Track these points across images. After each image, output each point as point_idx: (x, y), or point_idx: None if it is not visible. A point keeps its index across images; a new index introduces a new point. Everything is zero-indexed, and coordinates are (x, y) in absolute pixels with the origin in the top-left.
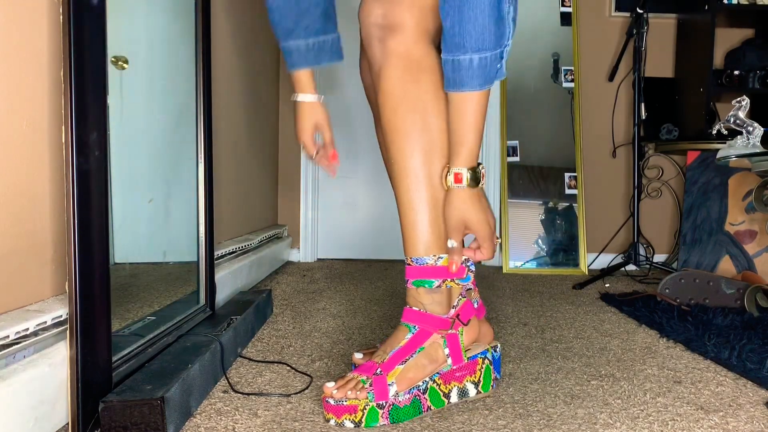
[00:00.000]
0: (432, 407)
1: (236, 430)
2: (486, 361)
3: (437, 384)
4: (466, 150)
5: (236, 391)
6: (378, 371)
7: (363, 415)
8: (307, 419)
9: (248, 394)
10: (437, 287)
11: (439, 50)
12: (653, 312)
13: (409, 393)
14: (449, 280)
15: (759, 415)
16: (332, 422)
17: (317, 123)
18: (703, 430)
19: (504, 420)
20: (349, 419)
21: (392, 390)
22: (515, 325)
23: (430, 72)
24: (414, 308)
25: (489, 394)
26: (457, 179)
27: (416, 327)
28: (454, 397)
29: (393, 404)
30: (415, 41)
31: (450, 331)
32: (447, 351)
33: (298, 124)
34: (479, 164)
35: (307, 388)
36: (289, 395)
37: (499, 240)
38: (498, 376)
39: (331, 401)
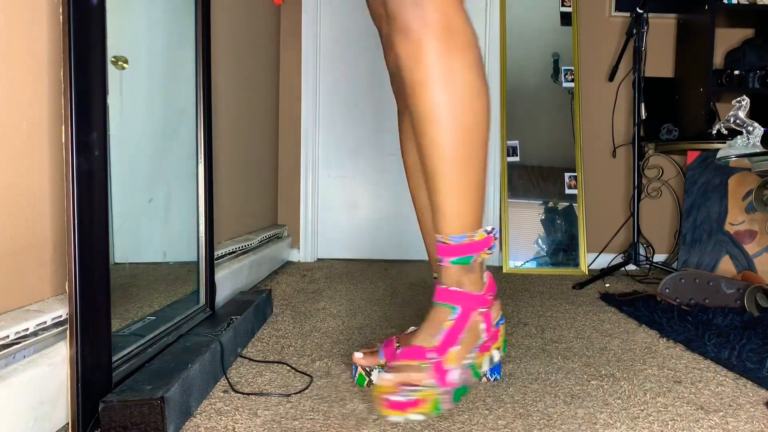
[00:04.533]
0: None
1: (236, 430)
2: (502, 326)
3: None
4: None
5: (236, 391)
6: (434, 356)
7: (430, 404)
8: (306, 418)
9: (248, 394)
10: (474, 262)
11: None
12: (653, 312)
13: (463, 373)
14: (483, 252)
15: (759, 415)
16: (395, 418)
17: None
18: (703, 430)
19: (504, 420)
20: (415, 413)
21: (452, 374)
22: (515, 325)
23: (469, 48)
24: (451, 288)
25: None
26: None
27: (459, 307)
28: (485, 366)
29: (453, 387)
30: (456, 7)
31: (488, 308)
32: (483, 326)
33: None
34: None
35: (307, 387)
36: (289, 395)
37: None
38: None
39: (397, 397)
